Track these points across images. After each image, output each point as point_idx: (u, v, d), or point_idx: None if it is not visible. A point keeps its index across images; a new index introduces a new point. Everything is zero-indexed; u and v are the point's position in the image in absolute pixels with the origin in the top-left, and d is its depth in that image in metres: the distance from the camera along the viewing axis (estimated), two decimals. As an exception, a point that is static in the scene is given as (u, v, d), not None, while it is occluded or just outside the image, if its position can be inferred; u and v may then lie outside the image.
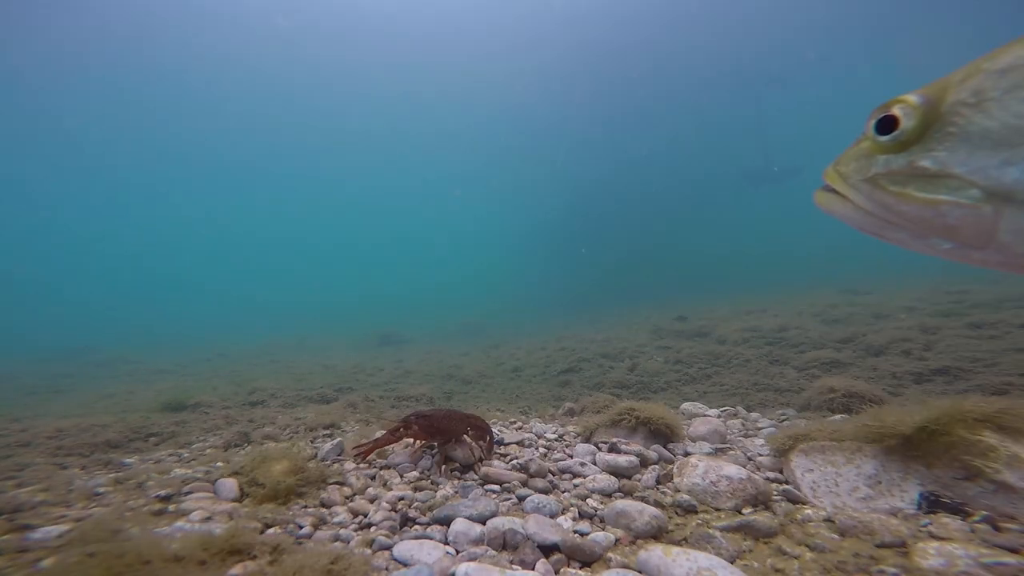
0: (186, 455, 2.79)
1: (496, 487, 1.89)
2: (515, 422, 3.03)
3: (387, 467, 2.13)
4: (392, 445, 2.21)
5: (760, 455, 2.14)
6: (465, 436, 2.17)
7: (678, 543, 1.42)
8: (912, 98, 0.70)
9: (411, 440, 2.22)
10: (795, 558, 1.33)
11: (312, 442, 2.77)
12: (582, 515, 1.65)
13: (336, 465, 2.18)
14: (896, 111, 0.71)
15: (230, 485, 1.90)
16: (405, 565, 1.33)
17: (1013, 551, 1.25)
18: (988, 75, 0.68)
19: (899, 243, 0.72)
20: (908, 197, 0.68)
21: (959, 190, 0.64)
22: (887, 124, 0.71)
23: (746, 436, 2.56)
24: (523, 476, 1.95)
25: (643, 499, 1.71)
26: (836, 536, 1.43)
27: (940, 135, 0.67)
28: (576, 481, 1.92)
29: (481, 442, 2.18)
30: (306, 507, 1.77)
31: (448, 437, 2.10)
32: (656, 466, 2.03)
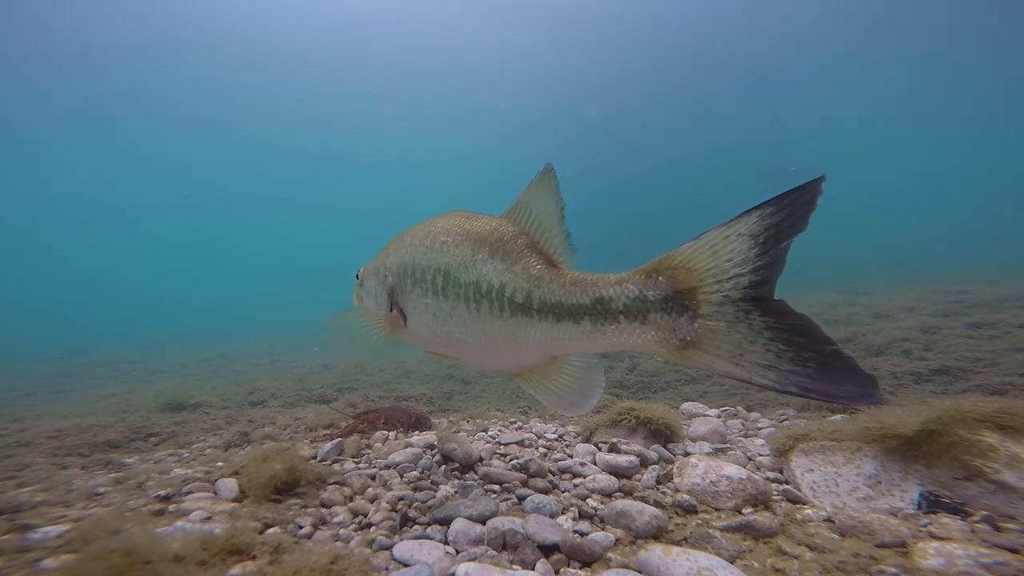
0: (186, 455, 2.79)
1: (496, 487, 1.89)
2: (515, 422, 3.02)
3: (387, 467, 2.13)
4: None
5: (760, 455, 2.14)
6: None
7: (678, 543, 1.42)
8: None
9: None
10: (795, 558, 1.33)
11: (312, 442, 2.77)
12: (582, 515, 1.65)
13: (336, 465, 2.18)
14: None
15: (230, 485, 1.90)
16: (405, 565, 1.33)
17: (1013, 551, 1.25)
18: None
19: None
20: None
21: None
22: None
23: (746, 436, 2.56)
24: (523, 476, 1.95)
25: (643, 499, 1.71)
26: (836, 536, 1.43)
27: None
28: (576, 481, 1.92)
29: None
30: (306, 507, 1.77)
31: (396, 424, 2.76)
32: (656, 466, 2.03)
